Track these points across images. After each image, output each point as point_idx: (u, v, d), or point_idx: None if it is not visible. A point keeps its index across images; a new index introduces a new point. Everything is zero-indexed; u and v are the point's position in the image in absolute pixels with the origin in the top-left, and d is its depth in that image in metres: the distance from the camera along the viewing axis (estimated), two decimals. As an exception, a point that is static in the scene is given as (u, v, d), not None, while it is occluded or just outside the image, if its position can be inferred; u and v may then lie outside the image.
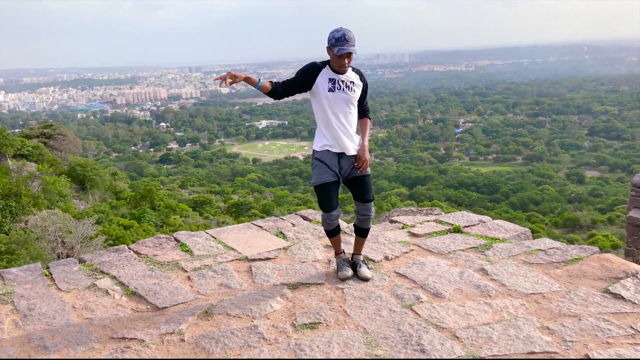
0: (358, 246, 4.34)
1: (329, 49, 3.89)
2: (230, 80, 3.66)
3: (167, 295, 3.95)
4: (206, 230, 5.45)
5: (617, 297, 3.75)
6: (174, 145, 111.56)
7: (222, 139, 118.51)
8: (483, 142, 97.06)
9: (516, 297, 3.83)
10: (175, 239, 5.17)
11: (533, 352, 3.10)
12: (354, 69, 4.07)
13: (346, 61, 3.87)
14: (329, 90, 3.96)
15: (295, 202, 51.64)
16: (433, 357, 3.06)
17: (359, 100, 4.10)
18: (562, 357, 3.05)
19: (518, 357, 3.06)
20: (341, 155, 4.02)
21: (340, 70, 3.94)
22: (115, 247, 4.94)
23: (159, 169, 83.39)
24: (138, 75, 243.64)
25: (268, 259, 4.65)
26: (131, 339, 3.35)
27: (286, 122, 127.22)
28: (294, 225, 5.60)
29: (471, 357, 3.06)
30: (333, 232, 4.21)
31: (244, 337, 3.32)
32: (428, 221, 5.64)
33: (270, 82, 3.98)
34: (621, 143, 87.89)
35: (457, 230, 5.32)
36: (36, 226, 19.82)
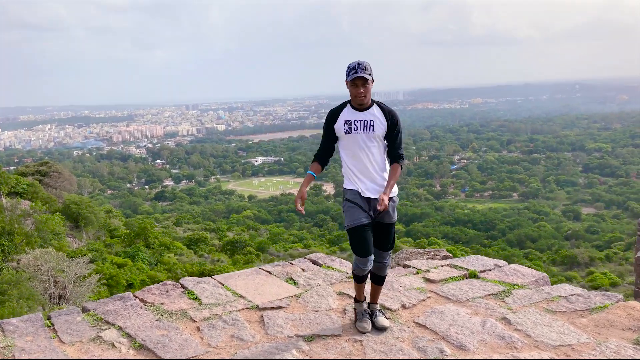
0: (375, 295, 4.16)
1: (346, 82, 3.80)
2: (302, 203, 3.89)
3: (176, 348, 3.74)
4: (213, 276, 5.26)
5: (650, 349, 3.58)
6: (169, 183, 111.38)
7: (218, 176, 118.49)
8: (478, 178, 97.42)
9: (544, 349, 3.65)
10: (182, 286, 4.97)
11: (571, 413, 2.91)
12: (382, 107, 3.88)
13: (361, 90, 3.74)
14: (345, 133, 3.85)
15: (291, 239, 51.26)
16: (466, 419, 2.87)
17: (388, 143, 3.90)
18: (603, 419, 2.86)
19: (556, 419, 2.87)
20: (370, 198, 3.87)
21: (357, 100, 3.80)
22: (120, 294, 4.73)
23: (154, 206, 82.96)
24: (135, 113, 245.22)
25: (280, 307, 4.46)
26: (140, 398, 3.14)
27: (282, 159, 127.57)
28: (304, 270, 5.42)
29: (506, 419, 2.87)
30: (363, 279, 4.00)
31: (261, 397, 3.12)
32: (442, 266, 5.48)
33: (316, 162, 4.06)
34: (615, 180, 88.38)
35: (473, 275, 5.16)
36: (29, 265, 19.43)
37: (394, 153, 3.94)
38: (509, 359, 3.51)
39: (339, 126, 3.87)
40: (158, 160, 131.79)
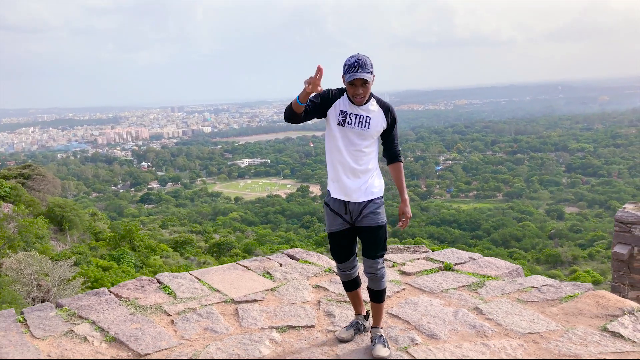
0: (375, 316, 3.66)
1: (343, 77, 3.38)
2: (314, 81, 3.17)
3: (149, 341, 3.74)
4: (190, 272, 5.27)
5: (616, 335, 3.66)
6: (155, 185, 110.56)
7: (204, 178, 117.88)
8: (463, 179, 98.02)
9: (513, 337, 3.71)
10: (158, 281, 4.97)
11: (536, 396, 2.97)
12: (380, 102, 3.52)
13: (360, 90, 3.35)
14: (338, 124, 3.45)
15: (278, 240, 51.16)
16: (432, 404, 2.91)
17: (386, 140, 3.59)
18: (567, 401, 2.92)
19: (521, 402, 2.93)
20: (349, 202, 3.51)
21: (355, 101, 3.41)
22: (95, 290, 4.72)
23: (140, 209, 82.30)
24: (120, 115, 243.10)
25: (255, 300, 4.48)
26: (111, 389, 3.14)
27: (268, 161, 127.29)
28: (281, 265, 5.44)
29: (472, 403, 2.92)
30: (349, 286, 3.70)
31: (231, 386, 3.14)
32: (418, 259, 5.54)
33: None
34: (597, 179, 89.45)
35: (448, 268, 5.22)
36: (11, 269, 19.20)
37: (394, 150, 3.64)
38: (479, 346, 3.56)
39: (333, 113, 3.47)
40: (143, 163, 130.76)
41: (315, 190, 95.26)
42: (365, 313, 3.83)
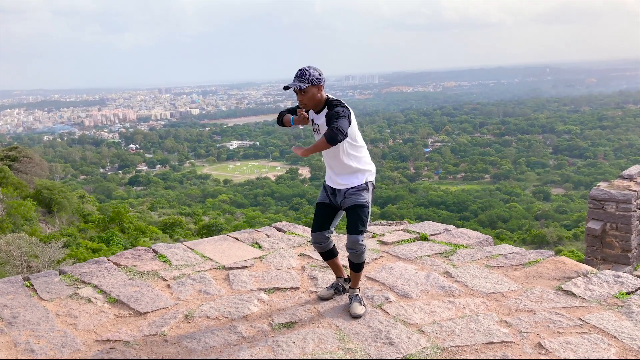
0: (353, 280, 4.03)
1: None
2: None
3: (148, 302, 4.11)
4: (183, 242, 5.63)
5: (569, 293, 4.09)
6: (143, 167, 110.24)
7: (193, 160, 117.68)
8: (452, 161, 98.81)
9: (478, 296, 4.12)
10: (154, 251, 5.33)
11: (491, 342, 3.38)
12: (330, 106, 3.75)
13: (300, 97, 3.73)
14: (313, 131, 3.93)
15: (268, 222, 51.35)
16: (401, 349, 3.31)
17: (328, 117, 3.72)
18: (518, 346, 3.34)
19: (478, 347, 3.34)
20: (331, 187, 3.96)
21: (303, 107, 3.82)
22: (95, 259, 5.07)
23: (128, 191, 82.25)
24: (106, 97, 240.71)
25: (245, 267, 4.85)
26: (115, 340, 3.51)
27: (257, 143, 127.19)
28: (269, 236, 5.82)
29: (435, 349, 3.32)
30: (325, 256, 4.08)
31: (224, 337, 3.52)
32: (396, 230, 5.94)
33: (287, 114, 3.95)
34: (584, 161, 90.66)
35: (423, 238, 5.63)
36: (0, 250, 19.43)
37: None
38: (446, 304, 3.97)
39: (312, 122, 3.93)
40: (131, 145, 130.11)
41: (305, 172, 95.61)
42: (345, 276, 4.20)
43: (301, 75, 3.68)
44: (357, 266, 3.92)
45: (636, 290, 4.13)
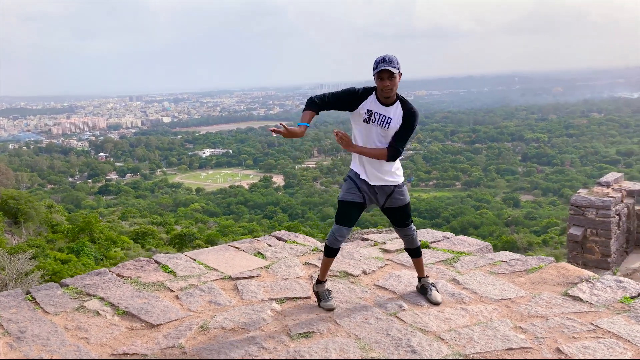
0: (419, 269, 4.33)
1: (374, 75, 3.82)
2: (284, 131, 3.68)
3: (159, 313, 4.04)
4: (184, 253, 5.55)
5: (576, 299, 4.18)
6: (113, 176, 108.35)
7: (164, 169, 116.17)
8: (424, 168, 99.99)
9: (488, 302, 4.18)
10: (156, 261, 5.24)
11: (511, 349, 3.43)
12: (404, 105, 3.92)
13: (387, 83, 3.76)
14: (363, 121, 3.89)
15: (241, 231, 51.14)
16: (424, 357, 3.33)
17: (394, 135, 3.93)
18: (537, 351, 3.39)
19: (498, 353, 3.38)
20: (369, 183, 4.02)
21: (383, 94, 3.82)
22: (96, 270, 4.96)
23: (98, 201, 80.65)
24: (75, 105, 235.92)
25: (251, 277, 4.82)
26: (133, 354, 3.44)
27: (230, 151, 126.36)
28: (270, 245, 5.78)
29: (457, 356, 3.35)
30: (333, 252, 4.05)
31: (244, 348, 3.48)
32: (397, 238, 5.97)
33: (309, 111, 3.86)
34: (552, 168, 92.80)
35: (425, 245, 5.67)
36: (-35, 263, 18.80)
37: (390, 143, 3.95)
38: (459, 311, 4.01)
39: (359, 111, 3.90)
40: (101, 153, 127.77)
41: (279, 180, 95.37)
42: (326, 279, 4.21)
43: (389, 61, 3.74)
44: (417, 250, 4.28)
45: (639, 294, 4.25)
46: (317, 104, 3.87)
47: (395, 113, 3.89)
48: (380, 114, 3.87)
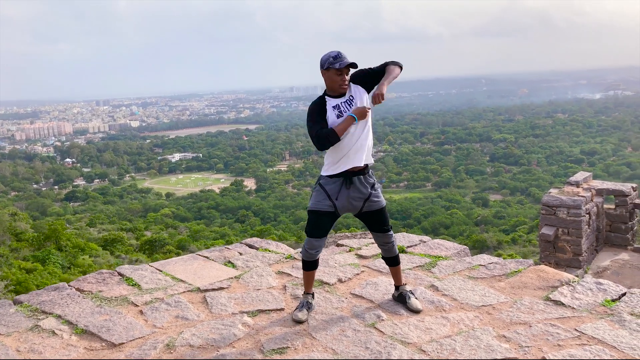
0: (397, 277, 4.19)
1: (326, 70, 3.75)
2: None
3: (122, 331, 3.76)
4: (150, 264, 5.26)
5: (558, 303, 4.06)
6: (80, 182, 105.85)
7: (133, 174, 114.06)
8: (394, 170, 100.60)
9: (469, 310, 4.02)
10: (119, 274, 4.94)
11: None
12: (350, 79, 3.89)
13: (345, 77, 3.76)
14: (337, 117, 3.79)
15: (212, 235, 50.48)
16: (405, 371, 3.15)
17: (373, 71, 3.89)
18: (522, 362, 3.24)
19: (483, 365, 3.22)
20: (348, 185, 3.85)
21: (341, 89, 3.80)
22: (54, 285, 4.63)
23: (65, 207, 78.55)
24: (40, 110, 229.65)
25: (221, 288, 4.57)
26: (91, 378, 3.16)
27: (200, 155, 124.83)
28: (241, 254, 5.54)
29: (440, 369, 3.18)
30: (312, 265, 3.96)
31: (213, 367, 3.24)
32: (372, 243, 5.79)
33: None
34: (519, 168, 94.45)
35: (401, 250, 5.51)
36: None
37: (383, 65, 3.92)
38: (439, 319, 3.85)
39: (330, 114, 3.80)
40: (68, 159, 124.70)
41: (250, 184, 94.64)
42: (312, 291, 4.10)
43: (344, 56, 3.72)
44: (395, 259, 4.11)
45: (620, 297, 4.15)
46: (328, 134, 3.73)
47: (352, 91, 3.86)
48: (344, 102, 3.83)
